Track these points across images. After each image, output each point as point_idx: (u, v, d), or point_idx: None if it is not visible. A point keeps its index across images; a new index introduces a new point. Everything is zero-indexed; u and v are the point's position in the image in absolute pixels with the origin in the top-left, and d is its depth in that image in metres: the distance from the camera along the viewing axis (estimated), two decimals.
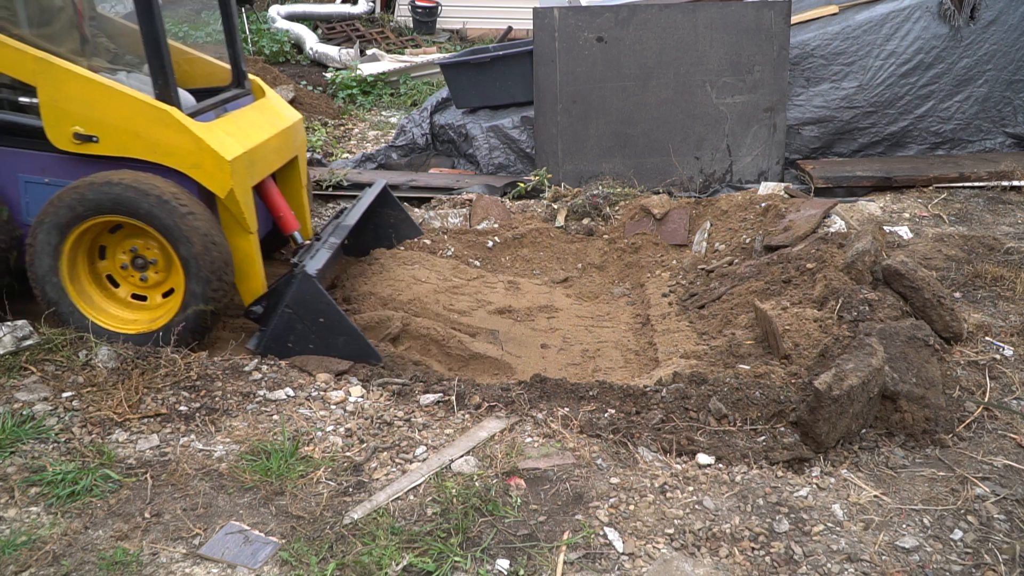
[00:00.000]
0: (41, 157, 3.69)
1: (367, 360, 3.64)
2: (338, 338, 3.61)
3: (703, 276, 4.97)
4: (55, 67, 3.48)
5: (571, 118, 6.66)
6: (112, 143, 3.56)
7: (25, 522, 2.52)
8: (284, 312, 3.61)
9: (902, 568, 2.38)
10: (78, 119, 3.52)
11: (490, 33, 15.02)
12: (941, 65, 6.66)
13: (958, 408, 3.18)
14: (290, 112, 4.54)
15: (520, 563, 2.38)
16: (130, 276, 3.79)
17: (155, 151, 3.56)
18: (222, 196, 3.65)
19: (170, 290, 3.80)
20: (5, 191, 3.74)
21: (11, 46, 3.49)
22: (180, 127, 3.54)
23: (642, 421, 3.08)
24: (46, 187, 3.71)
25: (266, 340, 3.66)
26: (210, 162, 3.57)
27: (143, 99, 3.52)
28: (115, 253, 3.78)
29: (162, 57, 3.55)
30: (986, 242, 4.85)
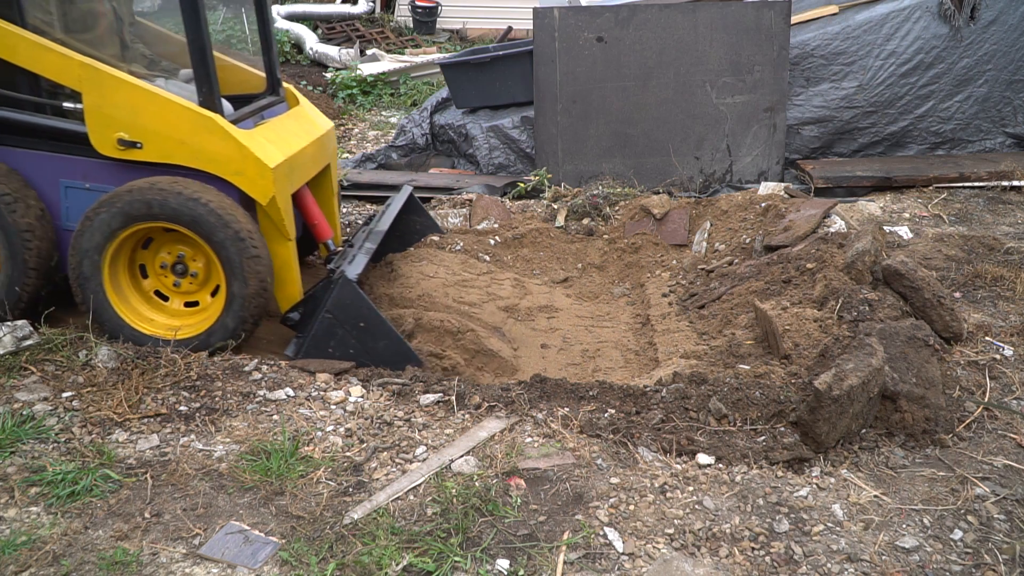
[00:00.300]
0: (83, 162, 3.69)
1: (408, 364, 3.62)
2: (379, 342, 3.59)
3: (703, 276, 4.97)
4: (101, 73, 3.49)
5: (571, 118, 6.66)
6: (156, 149, 3.57)
7: (25, 522, 2.52)
8: (324, 317, 3.60)
9: (902, 568, 2.38)
10: (123, 125, 3.53)
11: (490, 33, 15.02)
12: (941, 65, 6.66)
13: (958, 408, 3.18)
14: (323, 120, 4.57)
15: (520, 563, 2.38)
16: (164, 276, 3.79)
17: (198, 158, 3.57)
18: (264, 203, 3.67)
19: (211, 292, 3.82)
20: (46, 196, 3.75)
21: (57, 51, 3.50)
22: (224, 134, 3.54)
23: (642, 421, 3.08)
24: (87, 192, 3.72)
25: (306, 346, 3.65)
26: (253, 170, 3.58)
27: (188, 106, 3.53)
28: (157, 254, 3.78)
29: (207, 65, 3.56)
30: (986, 242, 4.85)
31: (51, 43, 3.51)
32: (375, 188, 6.69)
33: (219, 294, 3.72)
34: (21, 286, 3.70)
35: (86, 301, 3.62)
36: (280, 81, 4.52)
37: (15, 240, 3.63)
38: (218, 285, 3.76)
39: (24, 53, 3.51)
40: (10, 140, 3.71)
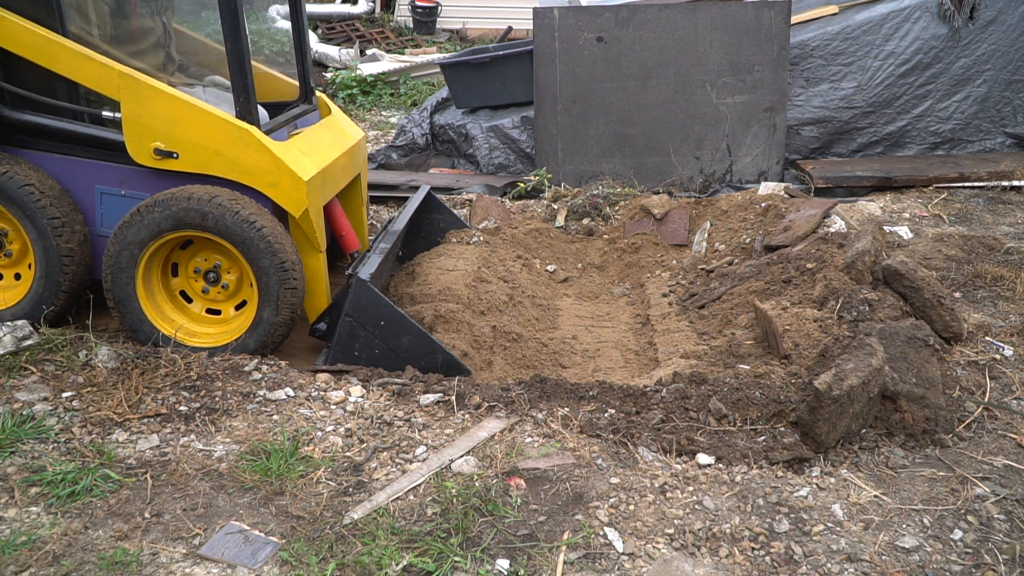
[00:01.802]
0: (119, 169, 3.71)
1: (435, 355, 3.59)
2: (402, 339, 3.58)
3: (703, 276, 4.97)
4: (139, 83, 3.50)
5: (571, 118, 6.66)
6: (191, 160, 3.58)
7: (25, 522, 2.52)
8: (345, 321, 3.59)
9: (902, 568, 2.38)
10: (159, 135, 3.54)
11: (490, 33, 15.02)
12: (939, 65, 6.66)
13: (958, 408, 3.18)
14: (354, 130, 4.58)
15: (520, 563, 2.38)
16: (195, 280, 3.81)
17: (234, 169, 3.59)
18: (296, 215, 3.68)
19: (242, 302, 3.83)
20: (81, 202, 3.77)
21: (97, 60, 3.51)
22: (260, 146, 3.55)
23: (642, 421, 3.08)
24: (122, 199, 3.74)
25: (333, 353, 3.64)
26: (287, 182, 3.60)
27: (225, 118, 3.54)
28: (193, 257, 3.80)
29: (245, 76, 3.57)
30: (986, 242, 4.85)
31: (91, 52, 3.52)
32: (375, 188, 6.69)
33: (245, 311, 3.74)
34: (49, 305, 3.74)
35: (114, 290, 3.62)
36: (313, 90, 4.52)
37: (54, 263, 3.66)
38: (245, 300, 3.79)
39: (64, 61, 3.52)
40: (47, 146, 3.73)
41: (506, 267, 4.96)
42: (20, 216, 3.63)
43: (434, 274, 4.54)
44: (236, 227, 3.49)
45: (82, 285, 3.84)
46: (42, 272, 3.69)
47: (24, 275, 3.90)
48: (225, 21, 3.50)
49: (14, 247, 3.85)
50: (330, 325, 3.87)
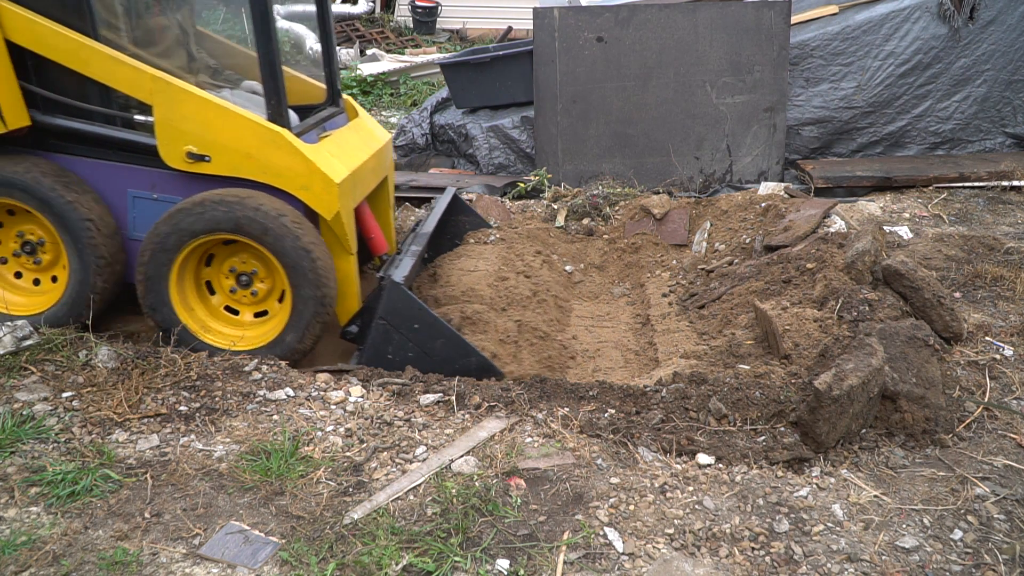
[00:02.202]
0: (151, 173, 3.71)
1: (468, 358, 3.58)
2: (436, 341, 3.57)
3: (703, 276, 4.97)
4: (172, 87, 3.50)
5: (571, 118, 6.66)
6: (224, 163, 3.58)
7: (25, 522, 2.52)
8: (378, 324, 3.58)
9: (902, 568, 2.38)
10: (192, 138, 3.54)
11: (490, 33, 15.02)
12: (939, 65, 6.66)
13: (958, 408, 3.18)
14: (382, 132, 4.57)
15: (520, 563, 2.38)
16: (226, 278, 3.80)
17: (266, 172, 3.58)
18: (328, 218, 3.67)
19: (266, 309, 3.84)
20: (114, 205, 3.77)
21: (129, 64, 3.50)
22: (292, 149, 3.55)
23: (642, 421, 3.08)
24: (154, 203, 3.74)
25: (366, 356, 3.62)
26: (319, 185, 3.59)
27: (257, 121, 3.54)
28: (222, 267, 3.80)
29: (277, 79, 3.57)
30: (986, 242, 4.85)
31: (124, 56, 3.52)
32: None
33: (267, 323, 3.75)
34: (84, 308, 3.74)
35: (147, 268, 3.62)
36: (340, 92, 4.51)
37: (88, 267, 3.66)
38: (267, 310, 3.80)
39: (97, 66, 3.52)
40: (79, 149, 3.73)
41: (525, 262, 4.95)
42: (54, 220, 3.63)
43: (456, 275, 4.54)
44: (292, 252, 3.50)
45: (116, 288, 3.84)
46: (77, 276, 3.69)
47: (60, 277, 3.90)
48: (256, 24, 3.50)
49: (48, 251, 3.85)
50: (361, 328, 3.86)
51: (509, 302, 4.37)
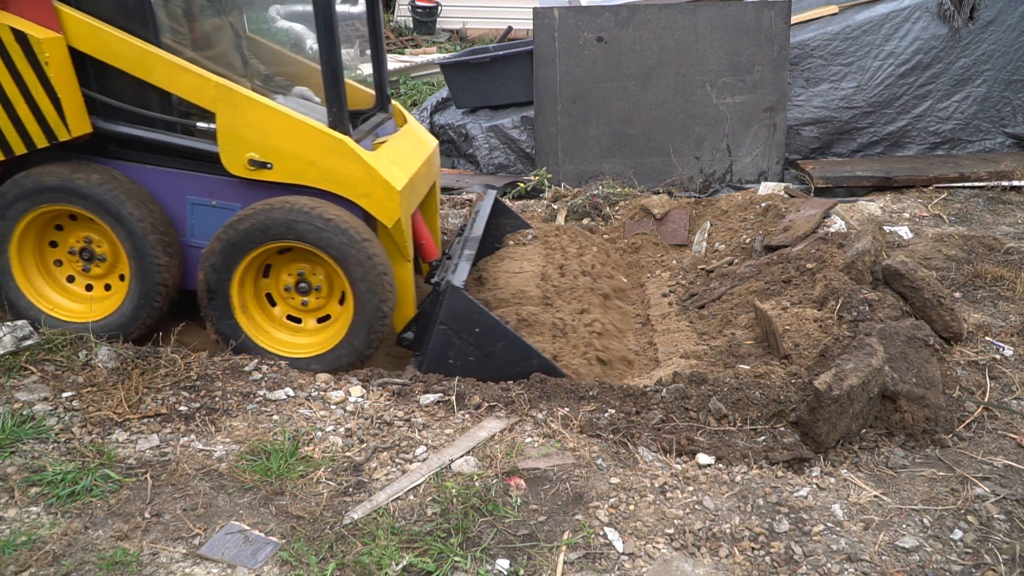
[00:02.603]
0: (210, 180, 3.71)
1: (528, 361, 3.56)
2: (496, 344, 3.55)
3: (703, 276, 4.97)
4: (235, 94, 3.49)
5: (571, 118, 6.66)
6: (285, 170, 3.56)
7: (25, 522, 2.52)
8: (439, 329, 3.55)
9: (902, 568, 2.38)
10: (254, 146, 3.53)
11: (490, 33, 15.03)
12: (939, 65, 6.66)
13: (958, 408, 3.18)
14: (430, 138, 4.56)
15: (520, 563, 2.38)
16: (291, 298, 3.81)
17: (327, 179, 3.57)
18: (389, 225, 3.66)
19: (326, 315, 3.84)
20: (172, 212, 3.77)
21: (193, 72, 3.50)
22: (354, 156, 3.54)
23: (642, 421, 3.08)
24: (213, 210, 3.74)
25: (427, 362, 3.61)
26: (381, 192, 3.58)
27: (320, 128, 3.52)
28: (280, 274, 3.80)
29: (339, 87, 3.55)
30: (986, 242, 4.85)
31: (187, 63, 3.52)
32: None
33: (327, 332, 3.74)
34: (143, 317, 3.73)
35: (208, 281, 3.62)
36: (389, 98, 4.49)
37: (150, 275, 3.66)
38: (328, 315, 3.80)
39: (161, 73, 3.51)
40: (139, 157, 3.73)
41: (565, 257, 4.93)
42: (116, 227, 3.62)
43: (503, 278, 4.52)
44: (367, 274, 3.50)
45: (174, 296, 3.84)
46: (137, 284, 3.69)
47: (115, 286, 3.90)
48: (320, 32, 3.49)
49: (106, 258, 3.86)
50: (418, 334, 3.85)
51: (560, 302, 4.32)
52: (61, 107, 3.43)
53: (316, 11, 3.46)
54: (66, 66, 3.47)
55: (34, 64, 3.36)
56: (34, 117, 3.45)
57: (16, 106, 3.44)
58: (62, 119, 3.45)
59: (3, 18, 3.34)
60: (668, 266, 5.33)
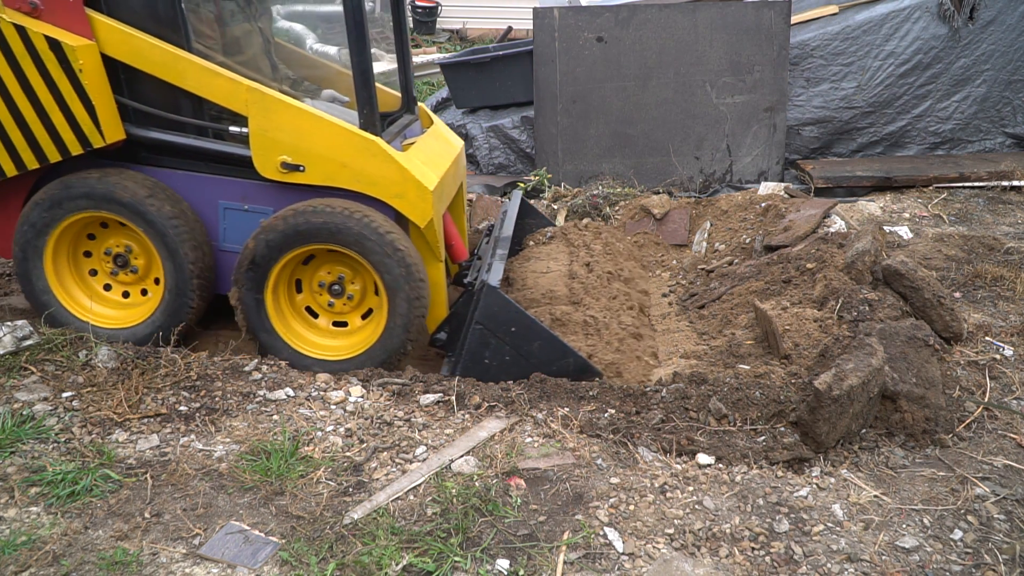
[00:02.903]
0: (242, 184, 3.72)
1: (564, 359, 3.54)
2: (533, 343, 3.53)
3: (703, 276, 4.97)
4: (267, 97, 3.49)
5: (571, 118, 6.66)
6: (318, 172, 3.57)
7: (25, 522, 2.52)
8: (475, 329, 3.54)
9: (902, 568, 2.38)
10: (287, 148, 3.54)
11: (490, 33, 15.03)
12: (939, 65, 6.66)
13: (958, 408, 3.18)
14: (456, 139, 4.57)
15: (520, 563, 2.38)
16: (320, 295, 3.81)
17: (359, 181, 3.57)
18: (422, 225, 3.66)
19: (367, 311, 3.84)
20: (205, 216, 3.78)
21: (225, 76, 3.51)
22: (386, 157, 3.54)
23: (642, 421, 3.08)
24: (245, 214, 3.75)
25: (463, 362, 3.59)
26: (413, 192, 3.58)
27: (352, 130, 3.53)
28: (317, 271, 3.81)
29: (370, 88, 3.56)
30: (986, 242, 4.86)
31: (219, 68, 3.53)
32: None
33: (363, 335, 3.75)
34: (177, 322, 3.74)
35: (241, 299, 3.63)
36: (415, 99, 4.49)
37: (184, 280, 3.67)
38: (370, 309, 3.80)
39: (193, 78, 3.52)
40: (170, 162, 3.74)
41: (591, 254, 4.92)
42: (151, 232, 3.63)
43: (531, 278, 4.51)
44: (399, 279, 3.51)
45: (209, 301, 3.85)
46: (172, 289, 3.70)
47: (151, 291, 3.91)
48: (351, 34, 3.49)
49: (139, 263, 3.86)
50: (451, 335, 3.84)
51: (589, 300, 4.30)
52: (95, 114, 3.44)
53: (347, 14, 3.47)
54: (99, 73, 3.48)
55: (68, 71, 3.38)
56: (68, 124, 3.47)
57: (51, 114, 3.46)
58: (96, 126, 3.46)
59: (37, 26, 3.36)
60: (668, 266, 5.33)
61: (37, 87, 3.40)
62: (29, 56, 3.34)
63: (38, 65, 3.36)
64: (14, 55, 3.35)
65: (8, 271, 4.82)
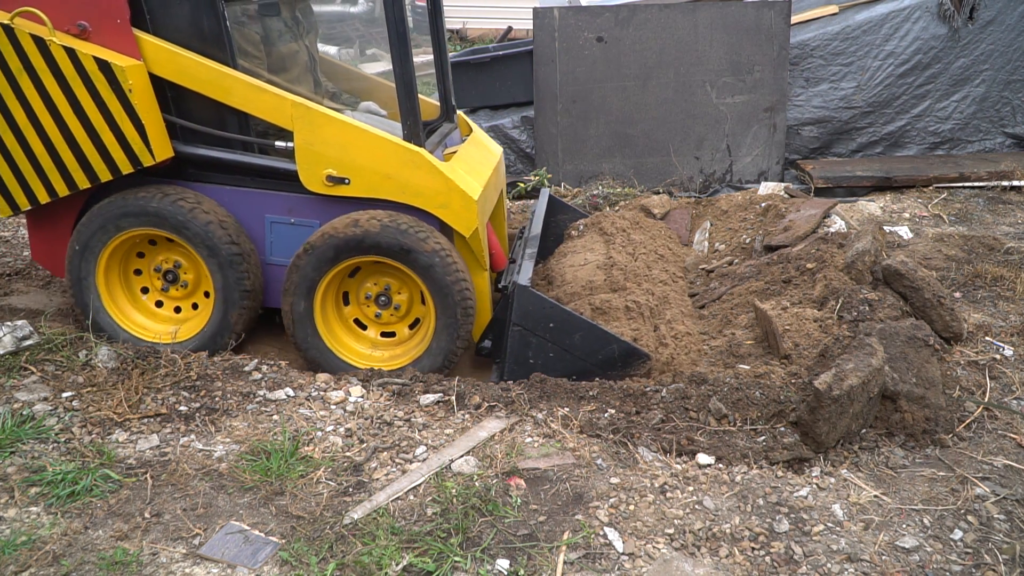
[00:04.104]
0: (288, 198, 3.74)
1: (608, 347, 3.51)
2: (574, 336, 3.51)
3: (703, 276, 4.97)
4: (312, 111, 3.51)
5: (571, 118, 6.66)
6: (363, 185, 3.59)
7: (25, 522, 2.52)
8: (514, 331, 3.53)
9: (902, 568, 2.38)
10: (332, 162, 3.55)
11: (490, 33, 15.03)
12: (938, 65, 6.66)
13: (958, 408, 3.18)
14: (495, 146, 4.58)
15: (520, 563, 2.38)
16: (367, 306, 3.84)
17: (404, 192, 3.59)
18: (467, 235, 3.67)
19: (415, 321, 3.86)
20: (252, 230, 3.81)
21: (270, 92, 3.53)
22: (431, 168, 3.55)
23: (642, 421, 3.08)
24: (292, 227, 3.78)
25: (508, 366, 3.58)
26: (458, 202, 3.60)
27: (396, 142, 3.54)
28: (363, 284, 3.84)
29: (413, 100, 3.58)
30: (986, 242, 4.86)
31: (264, 84, 3.55)
32: None
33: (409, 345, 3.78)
34: (227, 336, 3.77)
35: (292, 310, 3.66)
36: (455, 108, 4.49)
37: (233, 294, 3.69)
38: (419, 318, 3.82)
39: (239, 94, 3.55)
40: (218, 178, 3.77)
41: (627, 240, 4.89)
42: (200, 249, 3.65)
43: (570, 273, 4.48)
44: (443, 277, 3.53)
45: (256, 314, 3.88)
46: (221, 304, 3.72)
47: (202, 304, 3.93)
48: (394, 46, 3.51)
49: (189, 278, 3.88)
50: (495, 341, 3.84)
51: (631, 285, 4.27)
52: (145, 133, 3.47)
53: (389, 25, 3.50)
54: (148, 92, 3.51)
55: (118, 92, 3.41)
56: (119, 144, 3.50)
57: (101, 133, 3.49)
58: (146, 145, 3.49)
59: (87, 48, 3.40)
60: None
61: (87, 107, 3.45)
62: (79, 77, 3.39)
63: (88, 86, 3.41)
64: (64, 77, 3.40)
65: (8, 271, 4.82)
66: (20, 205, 3.67)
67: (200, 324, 3.81)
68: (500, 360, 3.70)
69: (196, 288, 3.91)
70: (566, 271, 4.53)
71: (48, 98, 3.45)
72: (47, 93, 3.45)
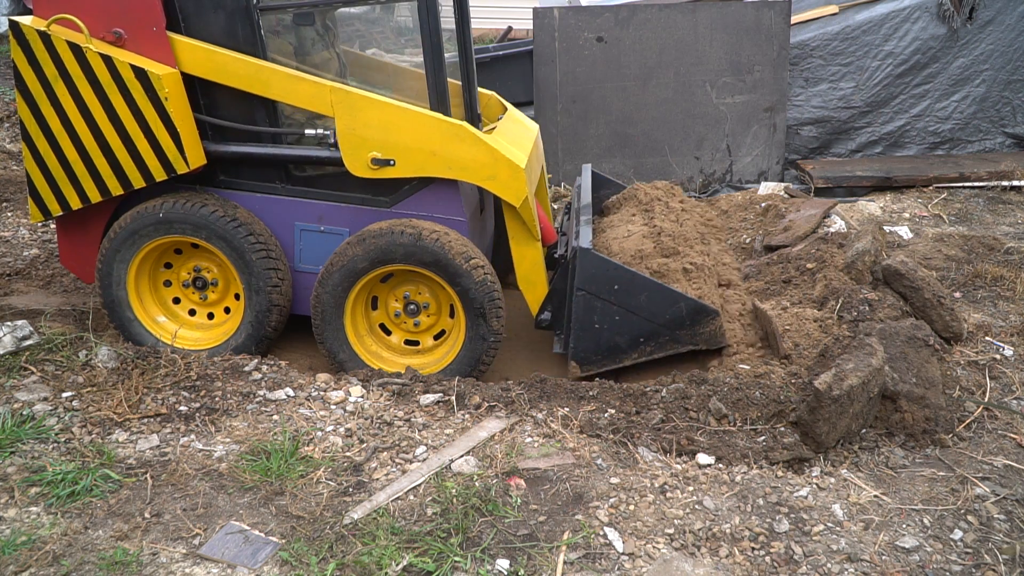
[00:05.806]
0: (317, 206, 3.75)
1: (675, 305, 3.46)
2: (639, 296, 3.45)
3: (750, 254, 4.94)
4: (352, 95, 3.49)
5: (571, 118, 6.66)
6: (409, 164, 3.56)
7: (25, 522, 2.52)
8: (578, 296, 3.47)
9: (902, 568, 2.38)
10: (375, 144, 3.53)
11: (490, 33, 15.02)
12: (937, 65, 6.67)
13: (958, 408, 3.18)
14: (531, 123, 4.56)
15: (520, 563, 2.38)
16: (403, 323, 3.85)
17: (451, 167, 3.56)
18: (518, 205, 3.64)
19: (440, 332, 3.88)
20: (281, 238, 3.82)
21: (308, 80, 3.52)
22: (476, 140, 3.53)
23: (642, 421, 3.08)
24: (321, 235, 3.78)
25: (574, 333, 3.52)
26: (505, 172, 3.56)
27: (439, 117, 3.52)
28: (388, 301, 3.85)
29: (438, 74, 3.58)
30: (986, 242, 4.86)
31: (302, 73, 3.54)
32: None
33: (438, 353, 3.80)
34: (257, 343, 3.79)
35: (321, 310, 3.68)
36: (479, 116, 4.43)
37: (264, 301, 3.72)
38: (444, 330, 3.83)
39: (277, 86, 3.54)
40: (248, 186, 3.78)
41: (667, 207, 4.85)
42: (232, 256, 3.67)
43: (615, 245, 4.42)
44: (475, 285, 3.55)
45: (286, 321, 3.89)
46: (252, 311, 3.73)
47: (233, 307, 3.94)
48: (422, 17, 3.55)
49: (219, 285, 3.90)
50: (554, 312, 3.79)
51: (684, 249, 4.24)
52: (180, 141, 3.49)
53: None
54: (183, 100, 3.53)
55: (154, 100, 3.42)
56: (153, 151, 3.51)
57: (136, 141, 3.50)
58: (181, 152, 3.50)
59: (123, 55, 3.41)
60: None
61: (123, 114, 3.46)
62: (115, 84, 3.40)
63: (124, 93, 3.42)
64: (100, 83, 3.42)
65: (8, 271, 4.82)
66: (52, 211, 3.69)
67: (230, 330, 3.83)
68: (563, 330, 3.64)
69: (226, 292, 3.92)
70: (611, 244, 4.46)
71: (83, 104, 3.47)
72: (82, 99, 3.46)
